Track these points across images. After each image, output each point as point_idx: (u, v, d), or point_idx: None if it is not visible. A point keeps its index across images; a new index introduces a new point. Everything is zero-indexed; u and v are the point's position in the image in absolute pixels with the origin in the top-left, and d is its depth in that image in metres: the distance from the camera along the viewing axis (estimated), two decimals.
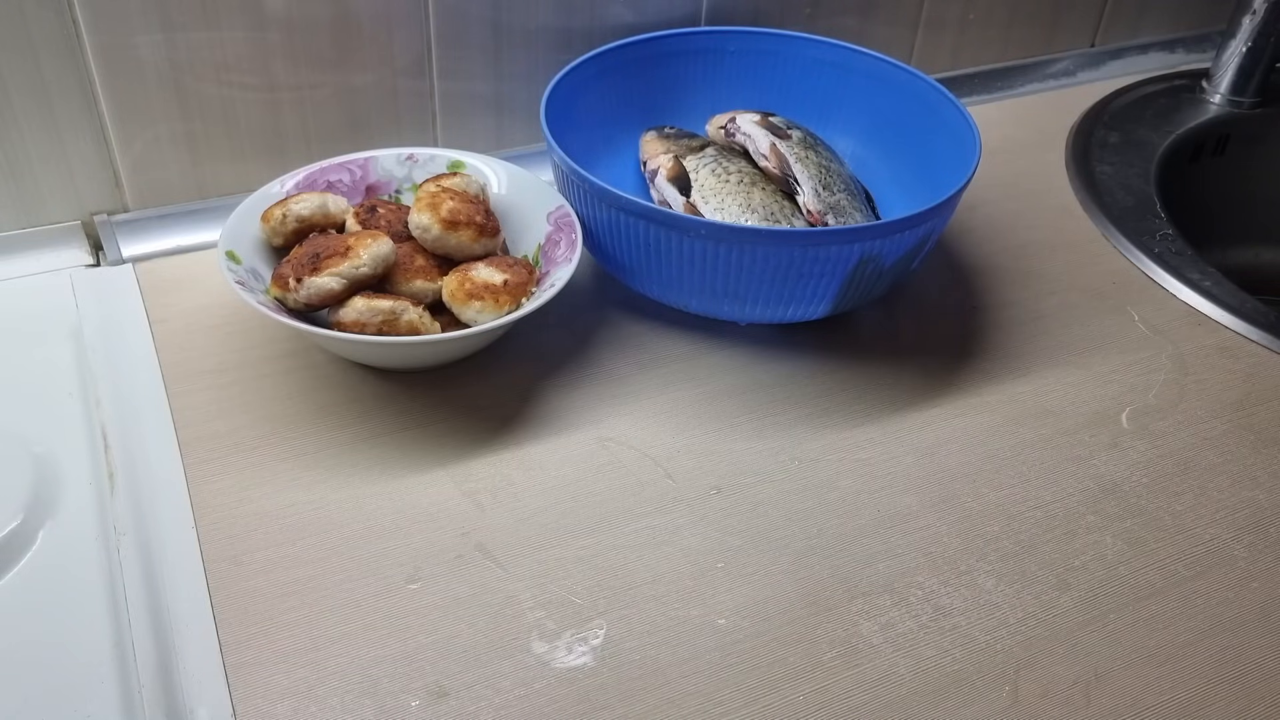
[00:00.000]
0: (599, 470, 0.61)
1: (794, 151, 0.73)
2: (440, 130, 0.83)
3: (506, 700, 0.50)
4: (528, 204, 0.71)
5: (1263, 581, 0.57)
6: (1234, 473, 0.63)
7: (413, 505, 0.58)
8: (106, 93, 0.71)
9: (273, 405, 0.64)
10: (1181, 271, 0.78)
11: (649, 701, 0.50)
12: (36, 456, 0.59)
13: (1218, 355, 0.72)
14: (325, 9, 0.73)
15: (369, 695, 0.49)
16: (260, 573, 0.54)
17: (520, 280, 0.64)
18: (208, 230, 0.75)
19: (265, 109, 0.76)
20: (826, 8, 0.91)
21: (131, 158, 0.74)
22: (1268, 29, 0.94)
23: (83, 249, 0.75)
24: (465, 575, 0.55)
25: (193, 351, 0.67)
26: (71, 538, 0.56)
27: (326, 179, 0.72)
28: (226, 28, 0.71)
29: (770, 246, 0.62)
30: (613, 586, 0.55)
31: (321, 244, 0.63)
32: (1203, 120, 0.97)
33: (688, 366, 0.68)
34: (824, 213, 0.71)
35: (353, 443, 0.62)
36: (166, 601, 0.52)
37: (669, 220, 0.63)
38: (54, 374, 0.65)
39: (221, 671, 0.50)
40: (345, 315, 0.61)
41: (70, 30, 0.68)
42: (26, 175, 0.72)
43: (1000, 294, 0.77)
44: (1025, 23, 1.02)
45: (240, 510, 0.57)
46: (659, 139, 0.79)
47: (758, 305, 0.66)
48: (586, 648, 0.52)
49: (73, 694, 0.49)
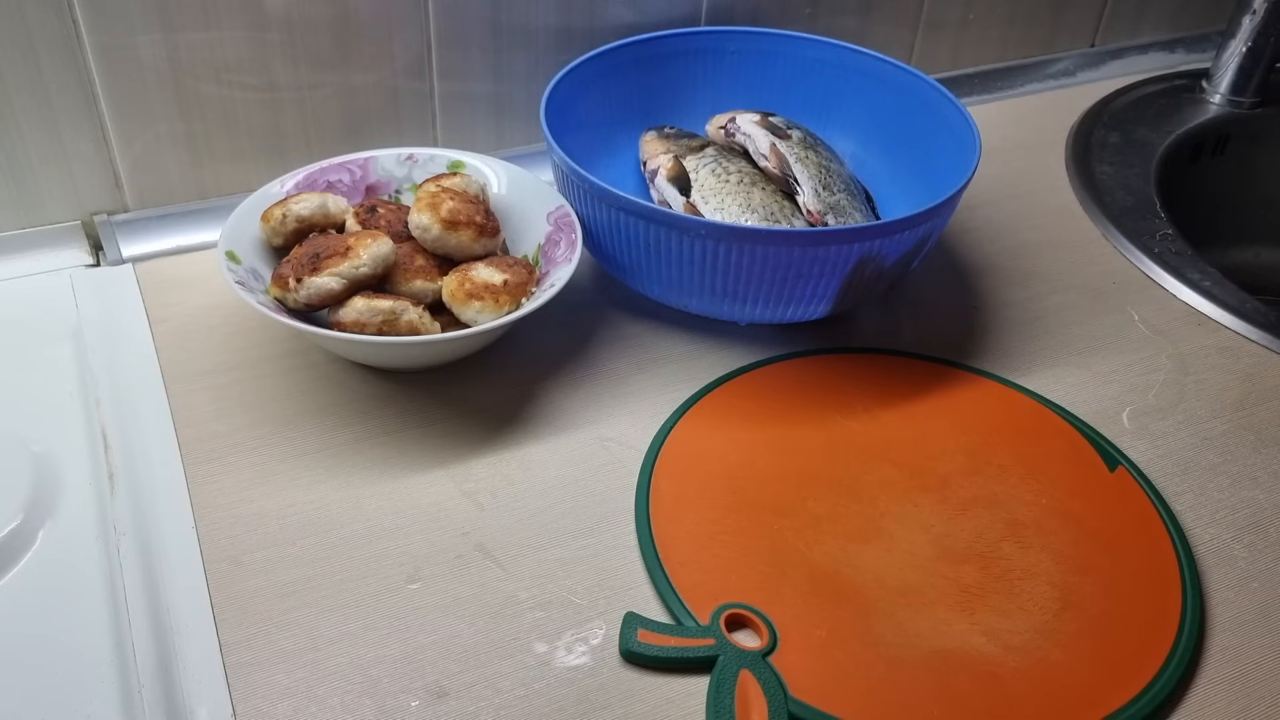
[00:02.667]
0: (599, 470, 0.61)
1: (794, 151, 0.73)
2: (440, 130, 0.83)
3: (506, 700, 0.50)
4: (528, 204, 0.71)
5: (1262, 581, 0.57)
6: (1234, 473, 0.63)
7: (413, 505, 0.58)
8: (106, 93, 0.71)
9: (273, 405, 0.64)
10: (1181, 271, 0.78)
11: (649, 701, 0.50)
12: (36, 456, 0.59)
13: (1218, 355, 0.72)
14: (325, 9, 0.73)
15: (369, 695, 0.49)
16: (260, 573, 0.54)
17: (520, 280, 0.64)
18: (208, 230, 0.75)
19: (265, 109, 0.76)
20: (826, 8, 0.91)
21: (131, 158, 0.74)
22: (1268, 29, 0.94)
23: (83, 249, 0.75)
24: (465, 575, 0.55)
25: (193, 351, 0.67)
26: (71, 538, 0.56)
27: (326, 179, 0.72)
28: (226, 28, 0.71)
29: (770, 246, 0.62)
30: (613, 586, 0.55)
31: (321, 244, 0.64)
32: (1203, 120, 0.97)
33: (688, 366, 0.68)
34: (824, 213, 0.71)
35: (353, 443, 0.62)
36: (166, 601, 0.52)
37: (669, 220, 0.63)
38: (54, 374, 0.65)
39: (221, 671, 0.50)
40: (345, 315, 0.61)
41: (70, 30, 0.68)
42: (26, 175, 0.72)
43: (1000, 294, 0.77)
44: (1025, 23, 1.02)
45: (240, 510, 0.57)
46: (659, 139, 0.79)
47: (758, 305, 0.66)
48: (586, 648, 0.52)
49: (73, 694, 0.49)
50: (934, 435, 0.64)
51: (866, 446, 0.63)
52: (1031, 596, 0.55)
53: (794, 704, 0.49)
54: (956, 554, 0.57)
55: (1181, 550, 0.58)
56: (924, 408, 0.66)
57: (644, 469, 0.61)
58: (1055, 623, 0.54)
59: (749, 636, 0.52)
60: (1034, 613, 0.54)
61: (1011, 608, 0.54)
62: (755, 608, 0.53)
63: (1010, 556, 0.57)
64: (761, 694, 0.49)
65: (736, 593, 0.54)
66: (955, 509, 0.60)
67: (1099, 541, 0.58)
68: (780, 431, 0.64)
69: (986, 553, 0.57)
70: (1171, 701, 0.51)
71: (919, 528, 0.58)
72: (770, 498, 0.59)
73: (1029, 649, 0.53)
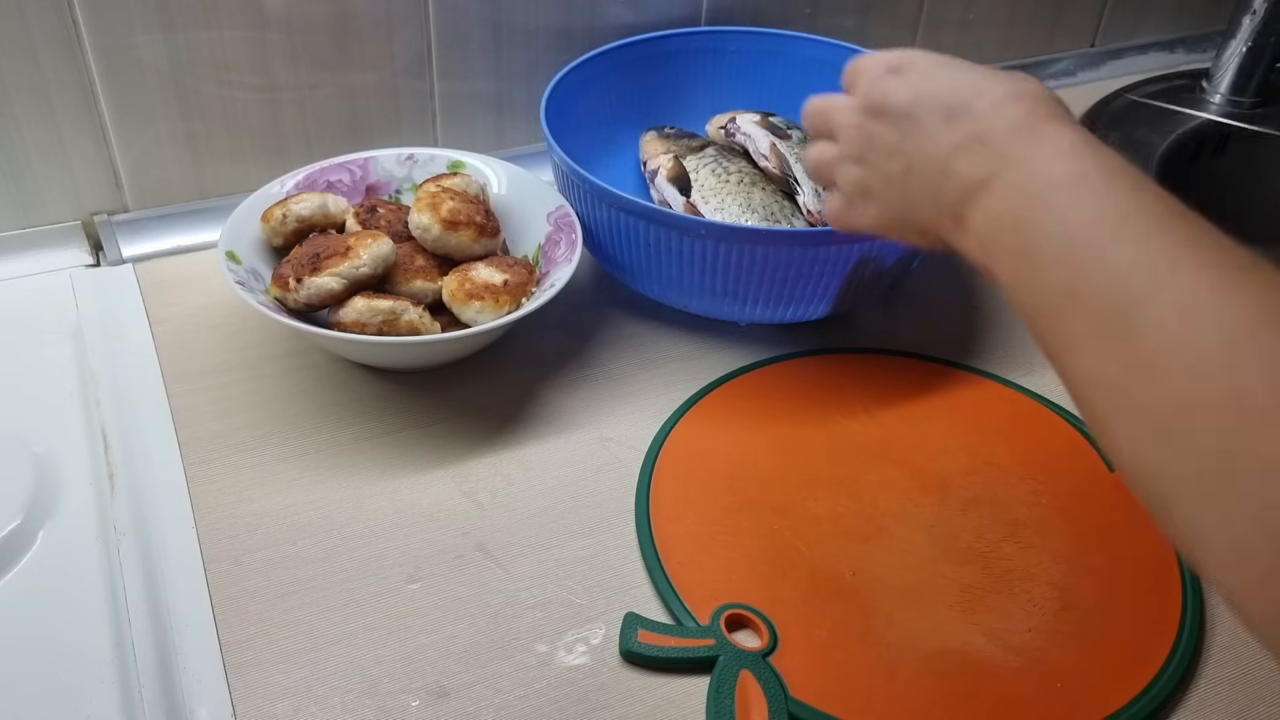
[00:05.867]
0: (599, 470, 0.61)
1: (794, 151, 0.73)
2: (440, 130, 0.83)
3: (506, 700, 0.50)
4: (528, 204, 0.71)
5: None
6: None
7: (413, 505, 0.58)
8: (106, 93, 0.71)
9: (273, 405, 0.64)
10: None
11: (649, 701, 0.50)
12: (36, 456, 0.59)
13: None
14: (325, 9, 0.73)
15: (369, 695, 0.49)
16: (260, 573, 0.54)
17: (520, 280, 0.64)
18: (208, 230, 0.75)
19: (265, 109, 0.76)
20: (826, 8, 0.91)
21: (131, 158, 0.74)
22: (1268, 29, 0.94)
23: (83, 249, 0.75)
24: (465, 575, 0.55)
25: (193, 351, 0.67)
26: (71, 538, 0.56)
27: (326, 179, 0.72)
28: (226, 28, 0.71)
29: (770, 246, 0.62)
30: (613, 586, 0.55)
31: (321, 244, 0.63)
32: (1203, 120, 0.97)
33: (688, 366, 0.68)
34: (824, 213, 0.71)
35: (353, 443, 0.62)
36: (166, 601, 0.52)
37: (669, 220, 0.63)
38: (54, 374, 0.65)
39: (221, 671, 0.50)
40: (345, 315, 0.61)
41: (70, 30, 0.68)
42: (26, 175, 0.72)
43: (1000, 294, 0.76)
44: (1025, 23, 1.02)
45: (240, 510, 0.57)
46: (659, 139, 0.79)
47: (758, 305, 0.66)
48: (586, 648, 0.52)
49: (73, 694, 0.49)
50: (934, 435, 0.64)
51: (866, 446, 0.63)
52: (1031, 596, 0.55)
53: (794, 704, 0.49)
54: (956, 554, 0.57)
55: None
56: (924, 408, 0.66)
57: (644, 469, 0.61)
58: (1055, 623, 0.54)
59: (749, 637, 0.52)
60: (1034, 613, 0.54)
61: (1011, 608, 0.54)
62: (755, 608, 0.53)
63: (1010, 556, 0.57)
64: (761, 694, 0.49)
65: (737, 593, 0.54)
66: (955, 509, 0.60)
67: (1099, 541, 0.58)
68: (780, 431, 0.64)
69: (987, 553, 0.57)
70: (1171, 701, 0.51)
71: (919, 528, 0.58)
72: (770, 498, 0.59)
73: (1029, 649, 0.52)
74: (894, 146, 0.47)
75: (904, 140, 0.47)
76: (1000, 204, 0.42)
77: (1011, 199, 0.41)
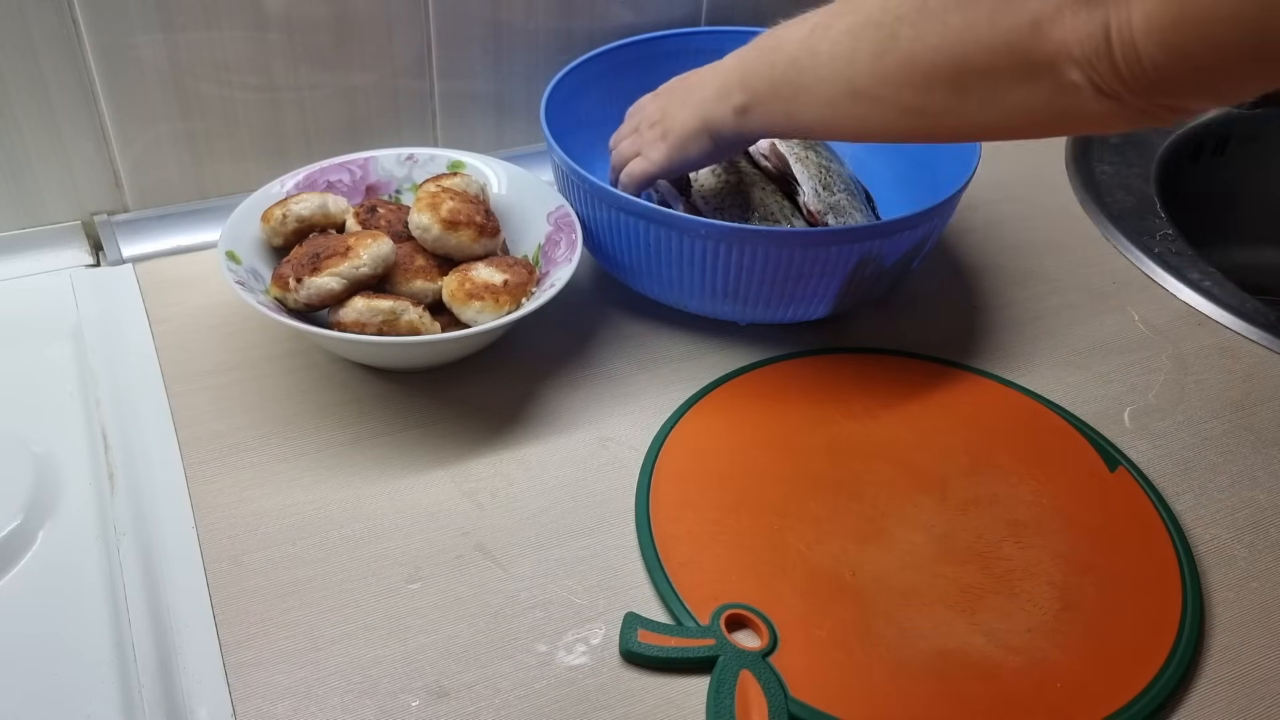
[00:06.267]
0: (599, 470, 0.61)
1: (794, 151, 0.73)
2: (440, 130, 0.83)
3: (506, 700, 0.50)
4: (528, 204, 0.71)
5: (1262, 581, 0.57)
6: (1234, 473, 0.63)
7: (413, 505, 0.58)
8: (106, 93, 0.71)
9: (273, 405, 0.64)
10: (1181, 271, 0.78)
11: (649, 701, 0.50)
12: (36, 456, 0.59)
13: (1218, 355, 0.72)
14: (325, 9, 0.73)
15: (369, 695, 0.49)
16: (260, 573, 0.54)
17: (520, 280, 0.64)
18: (208, 230, 0.75)
19: (265, 109, 0.76)
20: None
21: (131, 158, 0.74)
22: None
23: (83, 249, 0.75)
24: (465, 575, 0.55)
25: (193, 351, 0.67)
26: (71, 538, 0.56)
27: (326, 179, 0.72)
28: (226, 28, 0.71)
29: (770, 246, 0.62)
30: (613, 586, 0.55)
31: (321, 244, 0.63)
32: (1203, 120, 0.97)
33: (688, 366, 0.68)
34: (824, 213, 0.71)
35: (353, 443, 0.62)
36: (166, 601, 0.52)
37: (669, 220, 0.63)
38: (54, 374, 0.65)
39: (221, 671, 0.50)
40: (345, 315, 0.61)
41: (70, 30, 0.68)
42: (26, 175, 0.72)
43: (1000, 294, 0.77)
44: None
45: (240, 510, 0.57)
46: None
47: (758, 305, 0.66)
48: (586, 648, 0.52)
49: (73, 694, 0.49)
50: (934, 435, 0.64)
51: (866, 446, 0.63)
52: (1031, 596, 0.55)
53: (794, 704, 0.49)
54: (957, 554, 0.57)
55: (1181, 550, 0.58)
56: (924, 408, 0.66)
57: (644, 469, 0.61)
58: (1055, 623, 0.54)
59: (749, 637, 0.52)
60: (1034, 613, 0.54)
61: (1011, 608, 0.54)
62: (755, 608, 0.53)
63: (1010, 556, 0.57)
64: (761, 694, 0.49)
65: (737, 593, 0.54)
66: (955, 509, 0.60)
67: (1099, 541, 0.58)
68: (780, 432, 0.64)
69: (987, 553, 0.57)
70: (1171, 701, 0.51)
71: (919, 528, 0.58)
72: (770, 498, 0.59)
73: (1029, 649, 0.52)
74: (657, 108, 0.67)
75: (661, 101, 0.68)
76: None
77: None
